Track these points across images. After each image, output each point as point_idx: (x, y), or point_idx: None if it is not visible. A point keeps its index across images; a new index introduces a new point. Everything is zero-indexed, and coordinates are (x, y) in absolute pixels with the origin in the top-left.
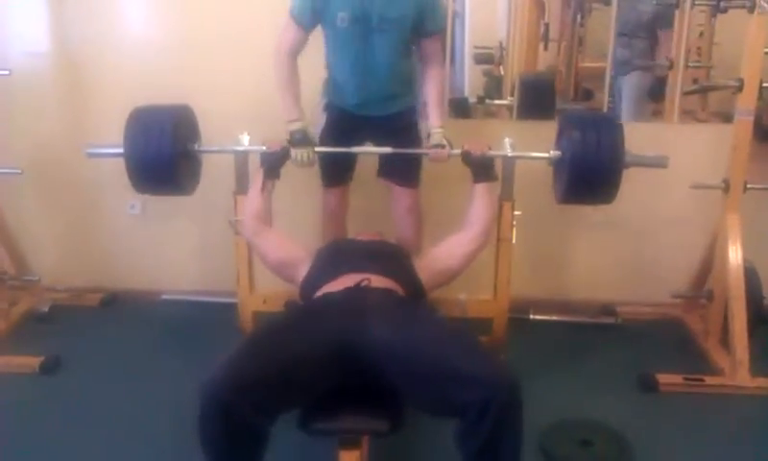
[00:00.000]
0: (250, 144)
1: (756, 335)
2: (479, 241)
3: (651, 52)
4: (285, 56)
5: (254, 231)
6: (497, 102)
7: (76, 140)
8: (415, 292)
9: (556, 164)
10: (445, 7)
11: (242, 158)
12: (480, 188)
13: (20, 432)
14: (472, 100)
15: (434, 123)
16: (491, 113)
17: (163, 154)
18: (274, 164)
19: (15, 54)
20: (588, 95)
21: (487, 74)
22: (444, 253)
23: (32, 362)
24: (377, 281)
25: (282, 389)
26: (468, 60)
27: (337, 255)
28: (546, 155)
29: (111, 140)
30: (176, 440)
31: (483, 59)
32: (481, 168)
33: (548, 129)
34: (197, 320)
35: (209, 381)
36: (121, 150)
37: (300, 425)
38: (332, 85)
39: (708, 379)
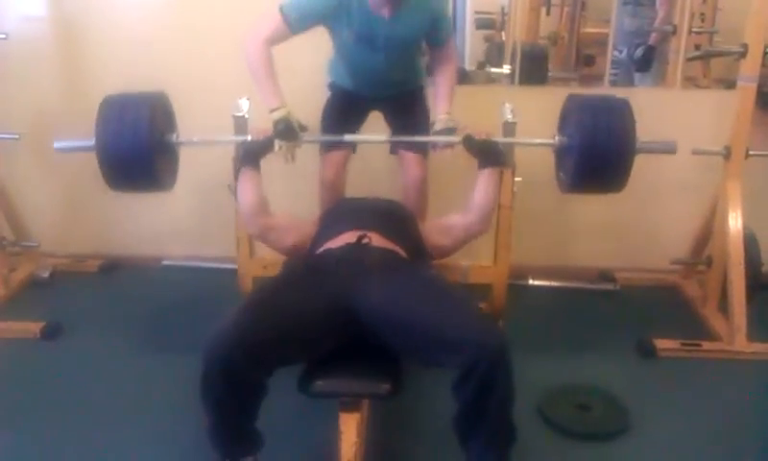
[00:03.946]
0: (247, 112)
1: (754, 301)
2: (474, 230)
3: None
4: (263, 48)
5: (263, 229)
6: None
7: (74, 104)
8: (416, 253)
9: (560, 151)
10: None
11: (242, 124)
12: (484, 174)
13: (22, 397)
14: (471, 68)
15: (441, 109)
16: (491, 79)
17: (138, 147)
18: (251, 153)
19: (12, 18)
20: (589, 61)
21: (488, 40)
22: (441, 228)
23: (33, 328)
24: (378, 240)
25: (282, 345)
26: (469, 26)
27: (340, 213)
28: (550, 141)
29: None
30: (176, 404)
31: (484, 24)
32: (486, 154)
33: (549, 94)
34: (197, 286)
35: (212, 339)
36: (92, 143)
37: (301, 388)
38: (336, 69)
39: (706, 345)
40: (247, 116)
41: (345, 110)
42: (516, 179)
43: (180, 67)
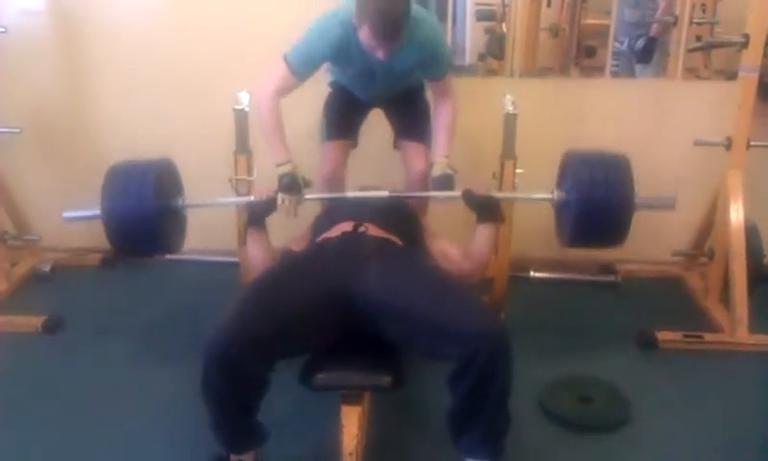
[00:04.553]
0: (247, 106)
1: (756, 293)
2: (467, 275)
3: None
4: (273, 100)
5: None
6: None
7: (74, 98)
8: (413, 242)
9: (558, 206)
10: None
11: (242, 117)
12: (481, 230)
13: (24, 391)
14: (470, 62)
15: (439, 152)
16: (492, 71)
17: (146, 213)
18: (257, 213)
19: (11, 11)
20: (590, 52)
21: (489, 31)
22: (442, 254)
23: (34, 322)
24: (374, 231)
25: (281, 339)
26: (469, 18)
27: (337, 206)
28: (548, 196)
29: (107, 98)
30: (178, 398)
31: (485, 16)
32: (484, 209)
33: (551, 87)
34: (199, 279)
35: (211, 336)
36: (98, 212)
37: (303, 381)
38: (337, 73)
39: (708, 336)
40: (247, 109)
41: (346, 108)
42: (518, 170)
43: (179, 61)
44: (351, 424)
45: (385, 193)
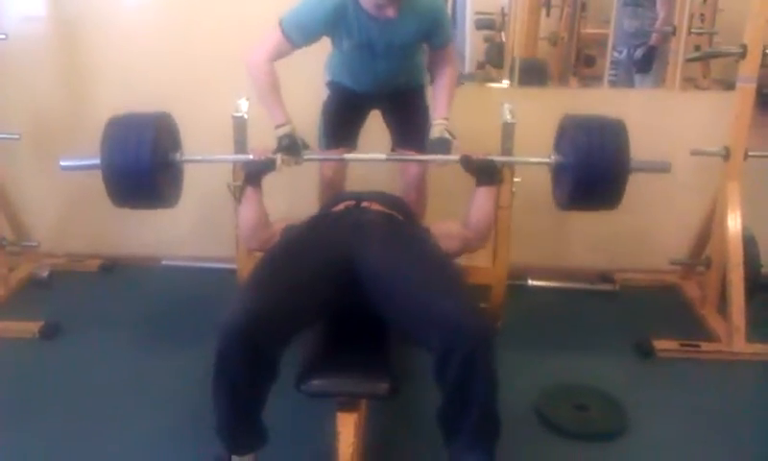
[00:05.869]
0: (246, 113)
1: (753, 302)
2: (472, 246)
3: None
4: (267, 64)
5: (263, 242)
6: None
7: (74, 104)
8: (413, 224)
9: (556, 169)
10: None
11: (241, 123)
12: (481, 192)
13: (20, 397)
14: (470, 71)
15: (438, 114)
16: (491, 79)
17: (143, 166)
18: (255, 172)
19: (12, 18)
20: (590, 62)
21: (488, 40)
22: (441, 233)
23: (31, 327)
24: (377, 207)
25: (294, 311)
26: (469, 26)
27: (339, 194)
28: (546, 160)
29: (108, 105)
30: (175, 403)
31: (484, 24)
32: (483, 173)
33: (549, 96)
34: (197, 285)
35: (228, 319)
36: (97, 161)
37: (299, 387)
38: (335, 68)
39: (705, 345)
40: (246, 117)
41: (345, 110)
42: (515, 179)
43: (179, 68)
44: (347, 431)
45: (382, 156)
